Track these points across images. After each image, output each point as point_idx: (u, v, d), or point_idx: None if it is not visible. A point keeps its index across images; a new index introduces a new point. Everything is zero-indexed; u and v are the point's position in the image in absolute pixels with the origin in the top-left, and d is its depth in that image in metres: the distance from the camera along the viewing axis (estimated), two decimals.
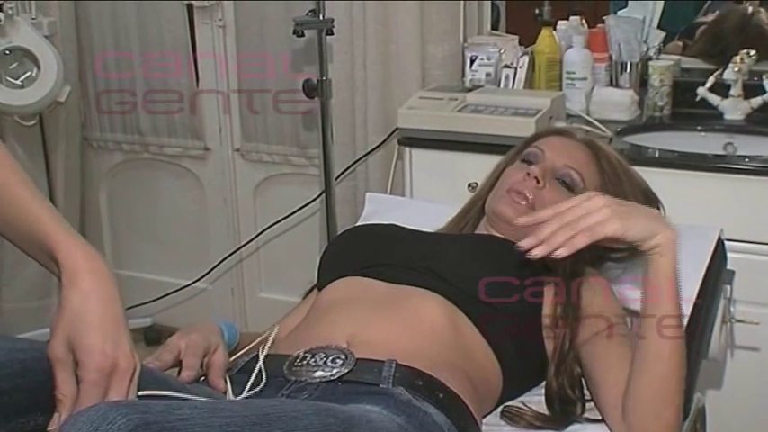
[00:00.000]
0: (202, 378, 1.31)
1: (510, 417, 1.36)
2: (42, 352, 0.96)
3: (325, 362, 1.25)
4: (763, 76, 2.25)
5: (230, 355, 1.37)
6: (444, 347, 1.33)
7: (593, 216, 1.22)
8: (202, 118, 2.90)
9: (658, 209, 1.66)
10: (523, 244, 1.23)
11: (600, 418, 1.36)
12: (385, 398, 1.18)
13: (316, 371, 1.24)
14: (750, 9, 2.54)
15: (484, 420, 1.34)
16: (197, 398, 1.10)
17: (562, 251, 1.20)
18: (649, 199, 1.65)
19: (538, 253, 1.21)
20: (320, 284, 1.55)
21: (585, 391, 1.41)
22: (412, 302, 1.38)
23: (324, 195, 2.37)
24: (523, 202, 1.53)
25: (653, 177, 1.70)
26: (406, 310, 1.37)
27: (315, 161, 2.71)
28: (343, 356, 1.26)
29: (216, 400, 1.20)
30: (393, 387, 1.21)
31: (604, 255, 1.58)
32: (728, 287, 1.70)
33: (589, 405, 1.39)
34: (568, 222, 1.22)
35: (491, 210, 1.58)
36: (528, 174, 1.54)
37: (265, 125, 2.80)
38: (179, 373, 1.29)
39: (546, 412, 1.37)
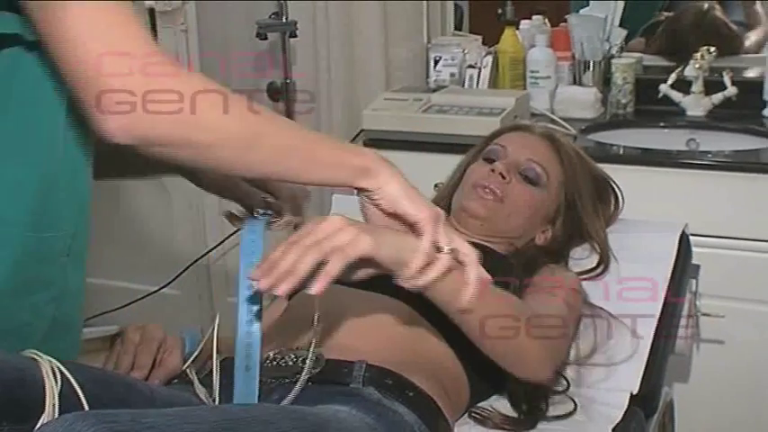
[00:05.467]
0: (175, 381, 1.31)
1: (478, 419, 1.37)
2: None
3: (295, 362, 1.24)
4: (723, 73, 2.28)
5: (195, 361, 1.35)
6: (408, 352, 1.33)
7: (339, 236, 1.04)
8: None
9: (617, 199, 1.69)
10: (256, 275, 1.02)
11: (566, 413, 1.38)
12: (355, 398, 1.17)
13: (286, 372, 1.23)
14: (706, 5, 2.56)
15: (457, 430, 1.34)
16: None
17: (316, 287, 1.01)
18: (605, 189, 1.67)
19: (263, 287, 1.01)
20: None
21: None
22: (374, 309, 1.37)
23: None
24: (491, 197, 1.54)
25: (618, 174, 1.71)
26: (369, 315, 1.36)
27: None
28: (313, 357, 1.25)
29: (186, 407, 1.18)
30: (363, 387, 1.20)
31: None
32: (694, 281, 1.72)
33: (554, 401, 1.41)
34: (310, 246, 1.02)
35: (460, 207, 1.58)
36: (492, 170, 1.56)
37: None
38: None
39: (512, 414, 1.38)
